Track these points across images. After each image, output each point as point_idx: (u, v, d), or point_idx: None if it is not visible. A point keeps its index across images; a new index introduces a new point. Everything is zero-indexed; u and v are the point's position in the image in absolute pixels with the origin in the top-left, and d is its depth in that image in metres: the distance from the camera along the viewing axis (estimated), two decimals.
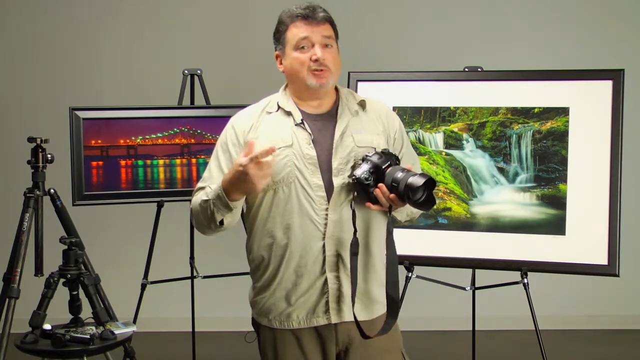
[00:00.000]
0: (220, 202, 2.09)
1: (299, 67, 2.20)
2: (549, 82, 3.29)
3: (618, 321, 4.98)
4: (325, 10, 2.24)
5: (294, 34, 2.20)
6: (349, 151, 2.21)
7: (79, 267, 3.16)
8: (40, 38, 5.02)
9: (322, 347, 2.23)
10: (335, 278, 2.19)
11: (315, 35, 2.19)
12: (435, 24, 4.98)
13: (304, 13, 2.20)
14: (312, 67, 2.18)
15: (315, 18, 2.20)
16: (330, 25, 2.23)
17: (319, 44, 2.19)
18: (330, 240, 2.17)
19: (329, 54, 2.20)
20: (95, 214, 4.16)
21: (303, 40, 2.19)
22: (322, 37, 2.19)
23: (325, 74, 2.19)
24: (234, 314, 4.00)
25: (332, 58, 2.21)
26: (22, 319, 3.17)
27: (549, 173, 3.24)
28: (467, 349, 3.77)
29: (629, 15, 4.99)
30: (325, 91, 2.24)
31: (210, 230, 2.19)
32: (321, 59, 2.18)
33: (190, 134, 3.81)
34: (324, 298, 2.19)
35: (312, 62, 2.18)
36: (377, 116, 2.31)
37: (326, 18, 2.22)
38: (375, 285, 2.26)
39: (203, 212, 2.15)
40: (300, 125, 2.21)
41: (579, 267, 3.20)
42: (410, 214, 2.35)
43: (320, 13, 2.21)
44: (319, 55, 2.18)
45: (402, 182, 2.09)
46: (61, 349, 2.92)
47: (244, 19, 5.04)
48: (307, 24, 2.20)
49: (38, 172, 3.40)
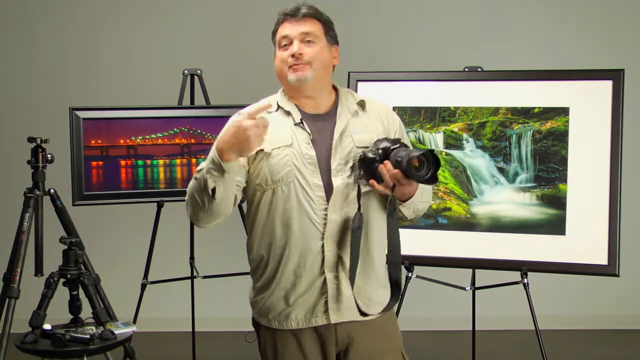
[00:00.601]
0: (214, 166, 2.05)
1: (281, 65, 2.22)
2: (549, 82, 3.29)
3: (618, 321, 4.98)
4: (312, 7, 2.25)
5: (279, 33, 2.24)
6: (348, 151, 2.21)
7: (79, 267, 3.16)
8: (40, 38, 5.02)
9: (322, 347, 2.22)
10: (334, 278, 2.19)
11: (294, 32, 2.21)
12: (435, 24, 4.98)
13: (288, 12, 2.24)
14: (290, 63, 2.20)
15: (296, 16, 2.22)
16: (316, 20, 2.24)
17: (298, 40, 2.20)
18: (329, 241, 2.17)
19: (309, 48, 2.20)
20: (95, 214, 4.16)
21: (284, 38, 2.22)
22: (300, 33, 2.20)
23: (301, 67, 2.19)
24: (234, 314, 4.00)
25: (312, 52, 2.20)
26: (22, 319, 3.17)
27: (549, 173, 3.24)
28: (467, 349, 3.77)
29: (629, 15, 4.99)
30: (312, 87, 2.23)
31: (204, 212, 2.12)
32: (297, 53, 2.18)
33: (190, 134, 3.81)
34: (323, 298, 2.19)
35: (290, 58, 2.20)
36: (376, 116, 2.30)
37: (309, 14, 2.23)
38: (375, 286, 2.26)
39: (196, 186, 2.11)
40: (300, 125, 2.22)
41: (579, 267, 3.20)
42: (416, 210, 2.32)
43: (302, 10, 2.23)
44: (295, 50, 2.19)
45: (405, 157, 2.07)
46: (61, 349, 2.92)
47: (244, 19, 5.03)
48: (288, 22, 2.23)
49: (38, 172, 3.40)
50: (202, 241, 4.01)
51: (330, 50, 2.26)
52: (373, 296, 2.25)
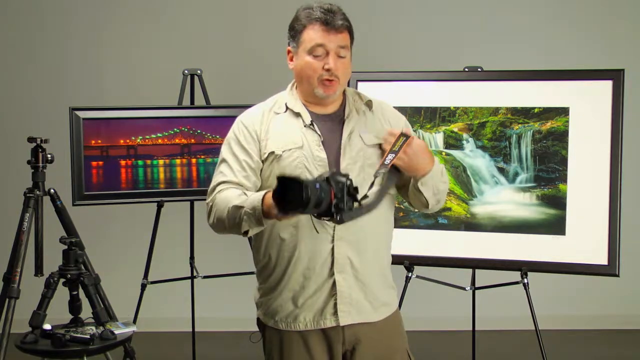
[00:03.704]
0: (254, 216, 2.04)
1: (311, 73, 2.16)
2: (549, 82, 3.30)
3: (618, 321, 4.97)
4: (345, 15, 2.19)
5: (310, 37, 2.15)
6: (357, 150, 2.20)
7: (79, 267, 3.16)
8: (40, 38, 5.01)
9: (329, 347, 2.22)
10: (344, 280, 2.18)
11: (332, 44, 2.14)
12: (435, 24, 4.98)
13: (324, 18, 2.14)
14: (323, 77, 2.15)
15: (334, 25, 2.14)
16: (348, 32, 2.19)
17: (334, 53, 2.15)
18: (339, 242, 2.16)
19: (342, 64, 2.17)
20: (95, 214, 4.16)
21: (319, 47, 2.15)
22: (337, 47, 2.15)
23: (334, 84, 2.17)
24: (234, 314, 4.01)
25: (344, 68, 2.18)
26: (22, 319, 3.17)
27: (549, 173, 3.24)
28: (467, 349, 3.77)
29: (629, 15, 4.99)
30: (333, 99, 2.23)
31: (228, 232, 2.14)
32: (333, 69, 2.14)
33: (190, 134, 3.80)
34: (332, 300, 2.18)
35: (324, 71, 2.15)
36: (382, 115, 2.30)
37: (345, 26, 2.17)
38: (382, 286, 2.27)
39: (230, 217, 2.09)
40: (310, 127, 2.20)
41: (579, 267, 3.20)
42: (437, 192, 2.23)
43: (339, 20, 2.15)
44: (331, 66, 2.14)
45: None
46: (61, 349, 2.92)
47: (244, 19, 5.04)
48: (325, 30, 2.14)
49: (38, 172, 3.40)
50: (202, 241, 4.01)
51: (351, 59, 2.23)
52: (381, 297, 2.25)
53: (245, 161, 2.18)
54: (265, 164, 2.19)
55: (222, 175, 2.19)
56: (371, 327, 2.23)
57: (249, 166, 2.18)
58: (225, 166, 2.20)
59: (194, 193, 3.80)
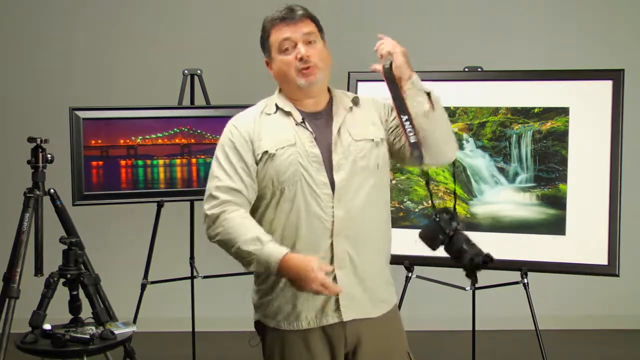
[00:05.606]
0: (265, 267, 2.10)
1: (287, 69, 2.21)
2: (549, 82, 3.30)
3: (618, 321, 4.98)
4: (303, 7, 2.25)
5: (276, 37, 2.22)
6: (347, 145, 2.22)
7: (79, 267, 3.16)
8: (41, 38, 5.02)
9: (331, 348, 2.22)
10: (344, 276, 2.18)
11: (296, 34, 2.20)
12: (435, 24, 4.98)
13: (282, 15, 2.22)
14: (298, 67, 2.19)
15: (293, 18, 2.21)
16: (310, 20, 2.24)
17: (302, 41, 2.20)
18: (338, 237, 2.17)
19: (313, 49, 2.20)
20: (95, 214, 4.15)
21: (285, 41, 2.21)
22: (302, 34, 2.20)
23: (312, 70, 2.19)
24: (234, 314, 4.00)
25: (317, 53, 2.21)
26: (22, 319, 3.17)
27: (549, 173, 3.24)
28: (467, 349, 3.77)
29: (629, 15, 4.99)
30: (320, 88, 2.25)
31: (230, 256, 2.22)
32: (305, 56, 2.18)
33: (190, 134, 3.80)
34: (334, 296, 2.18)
35: (297, 62, 2.19)
36: (368, 107, 2.32)
37: (304, 15, 2.23)
38: (381, 282, 2.28)
39: (238, 255, 2.15)
40: (302, 124, 2.22)
41: (579, 267, 3.20)
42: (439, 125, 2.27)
43: (298, 11, 2.22)
44: (302, 52, 2.18)
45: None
46: (61, 349, 2.92)
47: (244, 19, 5.02)
48: (286, 24, 2.21)
49: (38, 172, 3.40)
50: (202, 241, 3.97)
51: (326, 47, 2.27)
52: (380, 293, 2.26)
53: (239, 165, 2.20)
54: (259, 164, 2.20)
55: (217, 180, 2.21)
56: (371, 324, 2.23)
57: (243, 170, 2.19)
58: (220, 171, 2.22)
59: (194, 193, 3.80)
